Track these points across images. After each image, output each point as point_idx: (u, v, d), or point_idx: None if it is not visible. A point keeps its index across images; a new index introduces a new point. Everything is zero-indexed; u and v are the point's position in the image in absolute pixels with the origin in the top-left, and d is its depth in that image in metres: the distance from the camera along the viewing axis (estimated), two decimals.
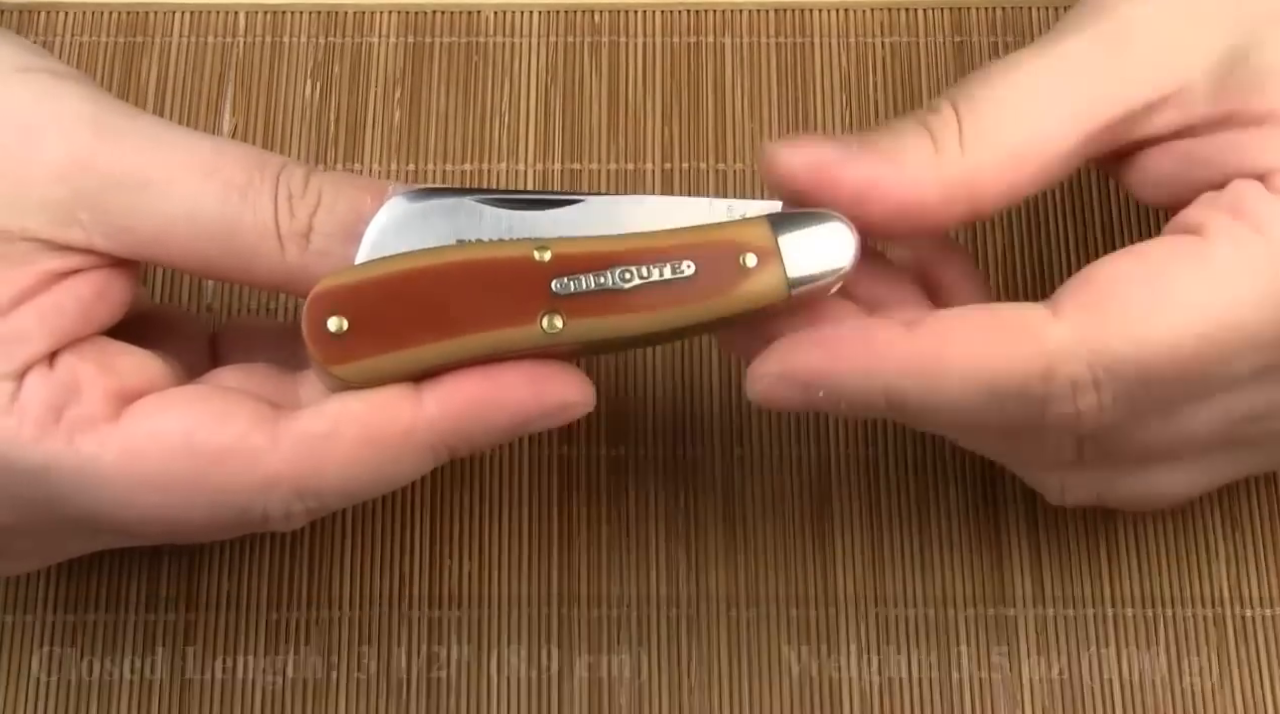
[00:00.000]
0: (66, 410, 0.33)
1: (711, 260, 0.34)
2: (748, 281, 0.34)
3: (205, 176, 0.34)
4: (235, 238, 0.34)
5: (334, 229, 0.35)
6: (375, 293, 0.34)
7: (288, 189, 0.35)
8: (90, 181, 0.34)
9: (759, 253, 0.34)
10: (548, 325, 0.34)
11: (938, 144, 0.35)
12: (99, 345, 0.35)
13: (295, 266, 0.35)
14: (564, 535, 0.43)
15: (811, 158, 0.35)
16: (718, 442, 0.44)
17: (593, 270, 0.34)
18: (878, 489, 0.44)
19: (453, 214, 0.35)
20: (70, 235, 0.34)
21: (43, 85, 0.35)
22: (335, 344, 0.34)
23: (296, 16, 0.49)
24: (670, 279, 0.34)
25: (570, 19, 0.49)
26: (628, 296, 0.34)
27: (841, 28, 0.49)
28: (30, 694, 0.42)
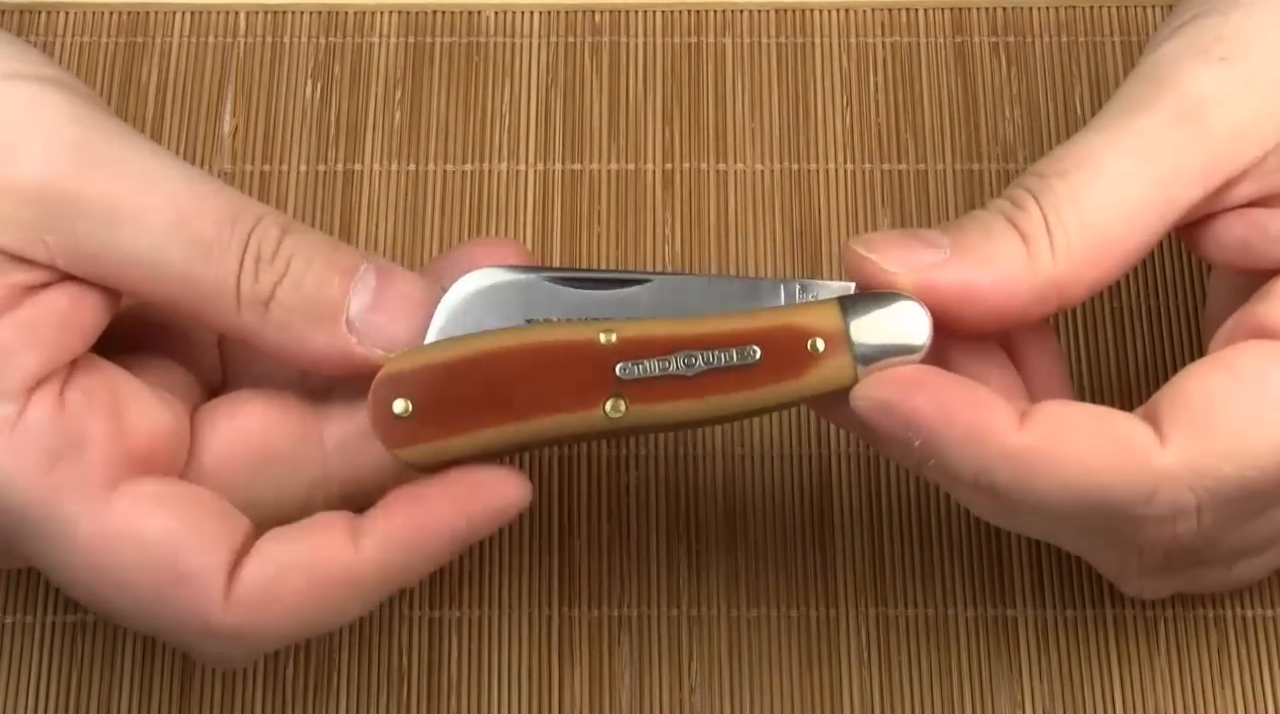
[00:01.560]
0: (64, 463, 0.33)
1: (778, 345, 0.34)
2: (815, 367, 0.34)
3: (176, 224, 0.33)
4: (192, 288, 0.34)
5: (296, 304, 0.34)
6: (440, 376, 0.34)
7: (257, 250, 0.34)
8: (59, 207, 0.33)
9: (827, 338, 0.34)
10: (611, 410, 0.34)
11: (1030, 248, 0.34)
12: (112, 387, 0.34)
13: (250, 329, 0.34)
14: (564, 535, 0.43)
15: (907, 263, 0.34)
16: (718, 442, 0.44)
17: (658, 355, 0.34)
18: (878, 489, 0.44)
19: (522, 293, 0.35)
20: (34, 252, 0.33)
21: (28, 97, 0.34)
22: (400, 427, 0.34)
23: (297, 17, 0.49)
24: (736, 365, 0.34)
25: (571, 19, 0.49)
26: (692, 382, 0.34)
27: (842, 28, 0.49)
28: (30, 694, 0.42)
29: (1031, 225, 0.34)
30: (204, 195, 0.34)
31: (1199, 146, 0.35)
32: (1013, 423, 0.33)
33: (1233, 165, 0.35)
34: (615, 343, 0.34)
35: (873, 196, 0.47)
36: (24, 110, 0.34)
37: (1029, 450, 0.33)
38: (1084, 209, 0.34)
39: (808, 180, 0.47)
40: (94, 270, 0.34)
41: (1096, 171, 0.35)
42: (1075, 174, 0.35)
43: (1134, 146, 0.35)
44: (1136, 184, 0.35)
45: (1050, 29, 0.49)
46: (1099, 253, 0.35)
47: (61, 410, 0.33)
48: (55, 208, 0.33)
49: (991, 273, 0.34)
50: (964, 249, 0.34)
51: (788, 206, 0.47)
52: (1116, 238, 0.35)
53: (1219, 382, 0.34)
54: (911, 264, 0.34)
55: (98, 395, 0.34)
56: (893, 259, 0.34)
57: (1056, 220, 0.34)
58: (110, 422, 0.33)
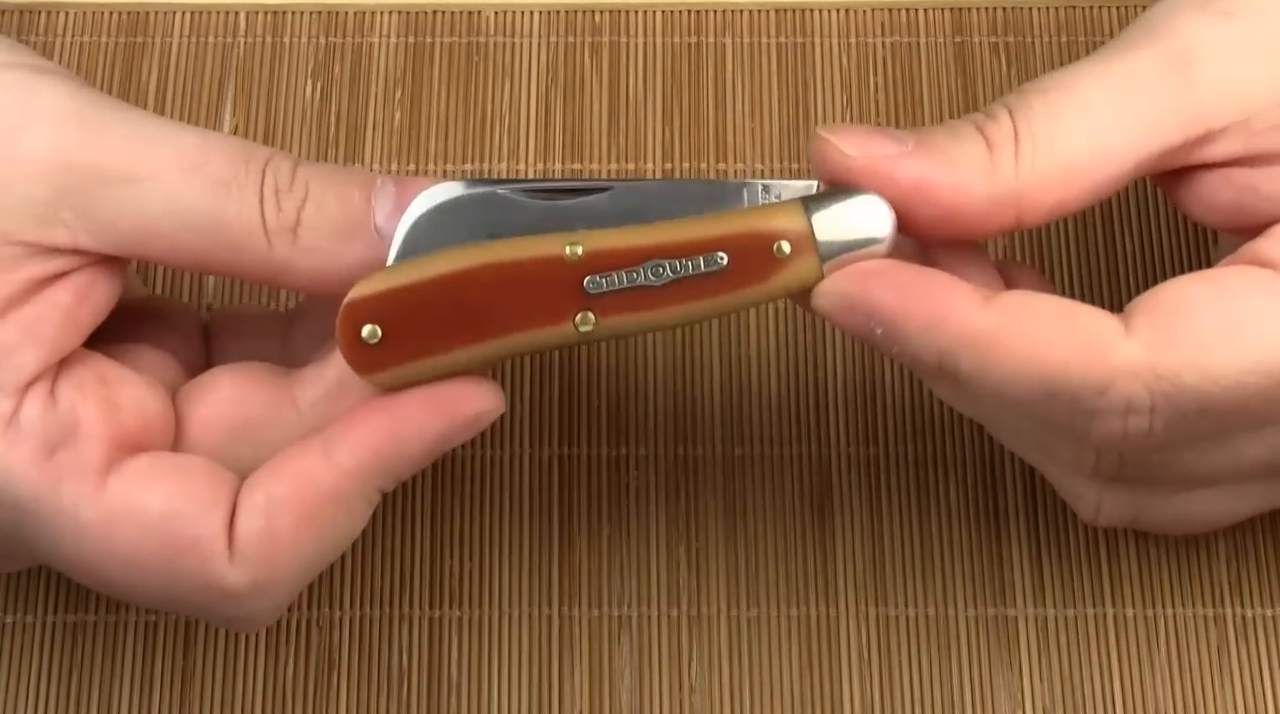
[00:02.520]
0: (61, 451, 0.33)
1: (744, 250, 0.34)
2: (782, 269, 0.34)
3: (190, 171, 0.34)
4: (221, 233, 0.34)
5: (322, 224, 0.34)
6: (408, 299, 0.34)
7: (274, 183, 0.34)
8: (73, 179, 0.33)
9: (792, 239, 0.34)
10: (580, 323, 0.34)
11: (993, 154, 0.34)
12: (101, 374, 0.34)
13: (282, 262, 0.34)
14: (564, 535, 0.43)
15: (868, 149, 0.34)
16: (718, 441, 0.44)
17: (625, 266, 0.34)
18: (878, 489, 0.44)
19: (484, 207, 0.35)
20: (55, 235, 0.33)
21: (24, 81, 0.34)
22: (370, 353, 0.34)
23: (297, 17, 0.49)
24: (703, 272, 0.34)
25: (571, 19, 0.49)
26: (660, 292, 0.34)
27: (842, 28, 0.49)
28: (30, 694, 0.42)
29: (999, 134, 0.34)
30: (211, 143, 0.34)
31: (1183, 93, 0.35)
32: (974, 305, 0.33)
33: (1215, 118, 0.35)
34: (581, 256, 0.34)
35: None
36: (24, 93, 0.34)
37: (989, 333, 0.33)
38: (1056, 128, 0.34)
39: None
40: (117, 238, 0.34)
41: (1076, 96, 0.35)
42: (1054, 94, 0.35)
43: (1118, 81, 0.35)
44: (1113, 115, 0.35)
45: (1050, 29, 0.49)
46: (1064, 175, 0.34)
47: (54, 403, 0.33)
48: (69, 181, 0.33)
49: (950, 172, 0.34)
50: (926, 147, 0.34)
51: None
52: (1085, 164, 0.35)
53: (1199, 290, 0.34)
54: (870, 152, 0.34)
55: (88, 384, 0.34)
56: (853, 144, 0.34)
57: (1027, 132, 0.34)
58: (102, 408, 0.34)
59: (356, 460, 0.34)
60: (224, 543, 0.33)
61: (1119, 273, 0.46)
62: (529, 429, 0.44)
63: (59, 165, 0.33)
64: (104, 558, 0.33)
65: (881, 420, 0.44)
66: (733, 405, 0.45)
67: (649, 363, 0.45)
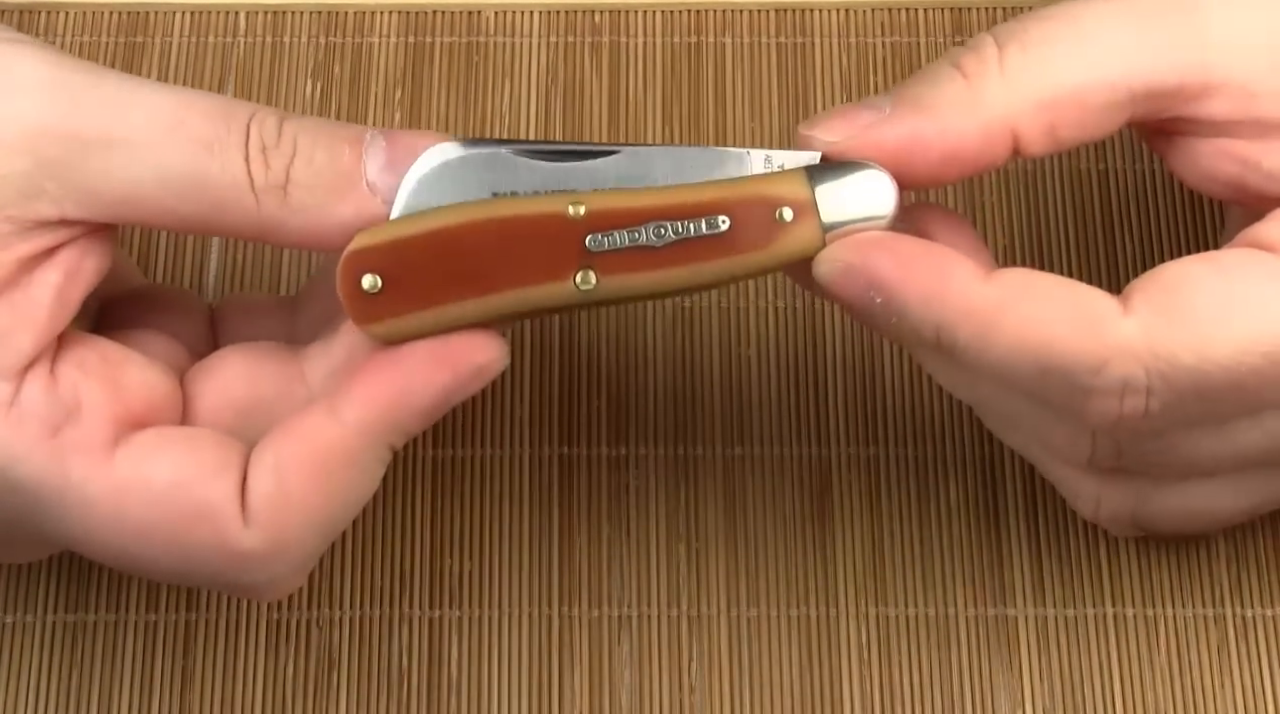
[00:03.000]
0: (64, 429, 0.33)
1: (746, 214, 0.34)
2: (783, 236, 0.34)
3: (169, 132, 0.33)
4: (206, 193, 0.33)
5: (312, 180, 0.34)
6: (409, 251, 0.34)
7: (260, 139, 0.34)
8: (53, 148, 0.33)
9: (795, 206, 0.34)
10: (581, 282, 0.34)
11: (971, 83, 0.34)
12: (103, 354, 0.34)
13: (272, 220, 0.34)
14: (564, 535, 0.43)
15: (848, 128, 0.34)
16: (718, 441, 0.44)
17: (627, 226, 0.34)
18: (878, 489, 0.44)
19: (488, 166, 0.35)
20: (40, 208, 0.33)
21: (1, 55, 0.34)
22: (370, 302, 0.34)
23: (297, 17, 0.49)
24: (705, 234, 0.34)
25: (571, 19, 0.49)
26: (662, 253, 0.34)
27: (842, 28, 0.49)
28: (30, 694, 0.42)
29: (977, 63, 0.34)
30: (191, 101, 0.34)
31: (1187, 33, 0.35)
32: (975, 278, 0.33)
33: (1216, 70, 0.34)
34: (584, 215, 0.34)
35: None
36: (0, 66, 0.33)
37: (988, 307, 0.33)
38: (1047, 45, 0.34)
39: None
40: (102, 205, 0.33)
41: (1074, 22, 0.34)
42: (1053, 21, 0.35)
43: (1121, 11, 0.35)
44: (1111, 42, 0.34)
45: None
46: (1055, 95, 0.34)
47: (56, 383, 0.33)
48: (50, 151, 0.33)
49: (934, 120, 0.34)
50: (904, 101, 0.34)
51: None
52: (1076, 86, 0.34)
53: (1197, 270, 0.34)
54: (850, 129, 0.34)
55: (91, 364, 0.34)
56: (832, 129, 0.34)
57: (1015, 51, 0.34)
58: (105, 386, 0.34)
59: (363, 415, 0.34)
60: (237, 506, 0.33)
61: (1119, 272, 0.46)
62: (529, 429, 0.44)
63: (37, 135, 0.33)
64: (115, 531, 0.33)
65: (881, 420, 0.44)
66: (733, 405, 0.45)
67: (649, 363, 0.45)
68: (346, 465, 0.34)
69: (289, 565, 0.34)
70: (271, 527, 0.33)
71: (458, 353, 0.34)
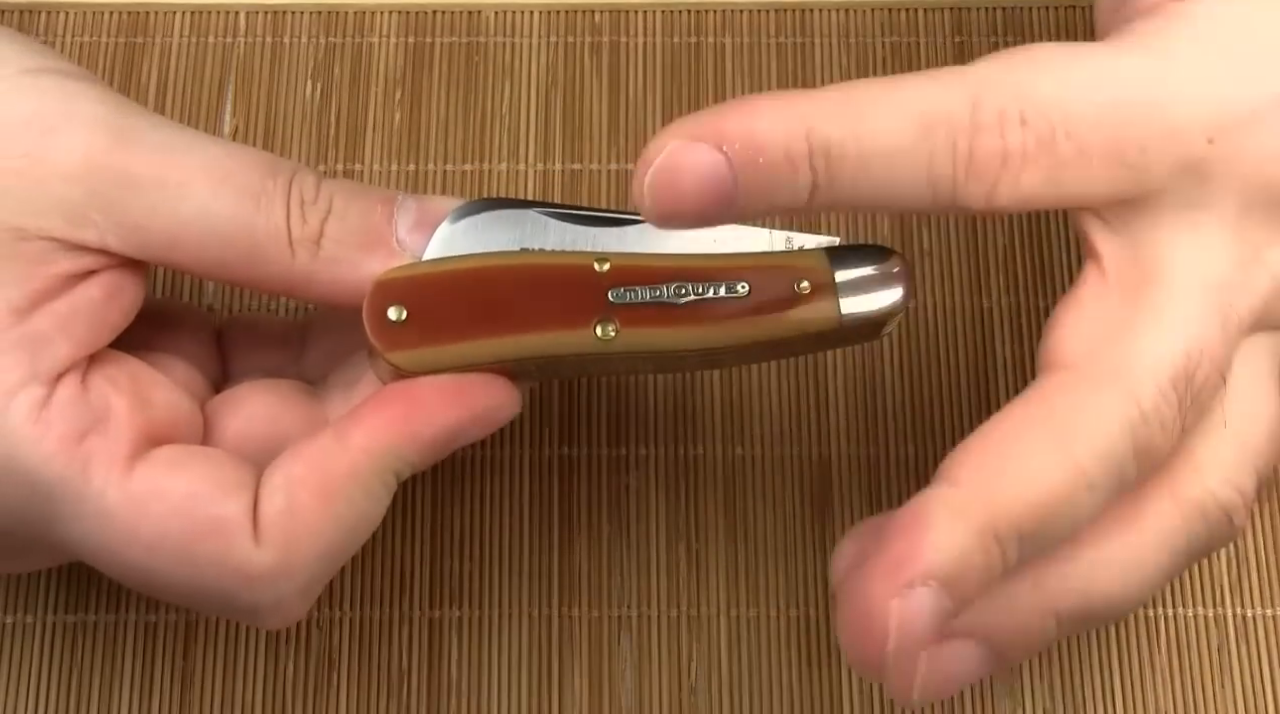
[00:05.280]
0: (90, 437, 0.33)
1: (766, 283, 0.35)
2: (801, 306, 0.35)
3: (220, 180, 0.34)
4: (247, 241, 0.35)
5: (344, 236, 0.35)
6: (437, 286, 0.35)
7: (300, 195, 0.35)
8: (105, 182, 0.34)
9: (813, 280, 0.35)
10: (601, 332, 0.35)
11: None
12: (133, 373, 0.35)
13: (304, 272, 0.35)
14: (564, 535, 0.43)
15: None
16: (718, 441, 0.44)
17: (649, 283, 0.35)
18: (878, 489, 0.44)
19: (518, 224, 0.36)
20: (84, 235, 0.34)
21: (55, 86, 0.35)
22: (393, 332, 0.35)
23: (297, 17, 0.49)
24: (724, 297, 0.35)
25: (571, 19, 0.49)
26: (681, 311, 0.35)
27: (842, 28, 0.49)
28: (30, 694, 0.42)
29: None
30: (239, 154, 0.35)
31: None
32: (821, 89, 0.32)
33: None
34: (608, 270, 0.35)
35: None
36: (58, 98, 0.34)
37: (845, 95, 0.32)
38: None
39: None
40: (143, 242, 0.34)
41: None
42: None
43: None
44: None
45: (1050, 29, 0.49)
46: None
47: (86, 392, 0.34)
48: (101, 184, 0.34)
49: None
50: None
51: None
52: None
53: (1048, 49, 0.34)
54: None
55: (121, 380, 0.35)
56: None
57: None
58: (133, 401, 0.34)
59: (371, 441, 0.34)
60: (248, 524, 0.33)
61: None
62: (529, 429, 0.44)
63: (91, 169, 0.34)
64: (129, 542, 0.33)
65: (881, 420, 0.44)
66: (733, 405, 0.45)
67: None
68: (353, 486, 0.34)
69: (295, 588, 0.34)
70: (281, 545, 0.34)
71: (471, 392, 0.35)
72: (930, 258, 0.46)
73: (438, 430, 0.35)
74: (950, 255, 0.46)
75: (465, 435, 0.35)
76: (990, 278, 0.46)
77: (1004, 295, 0.46)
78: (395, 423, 0.34)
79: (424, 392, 0.35)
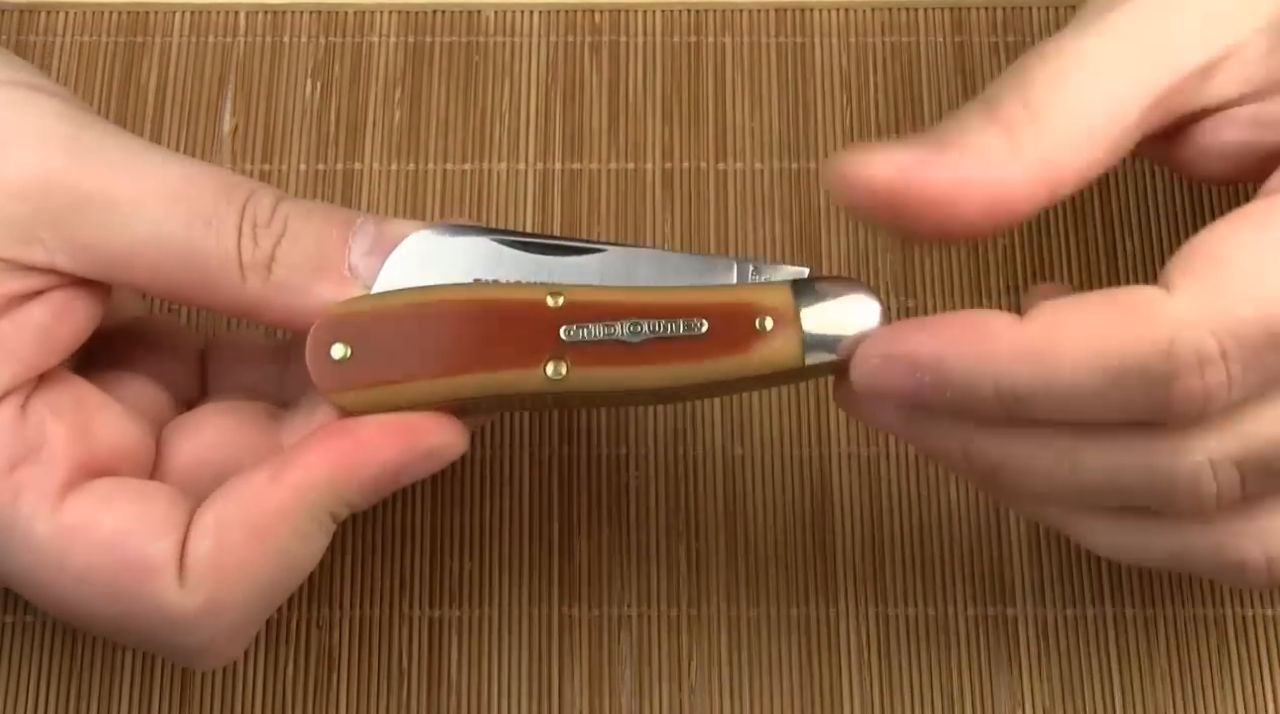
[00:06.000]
0: (23, 466, 0.33)
1: (726, 320, 0.34)
2: (761, 345, 0.34)
3: (172, 201, 0.34)
4: (197, 264, 0.34)
5: (297, 261, 0.34)
6: (381, 323, 0.34)
7: (254, 217, 0.34)
8: (55, 200, 0.33)
9: (776, 317, 0.34)
10: (552, 372, 0.33)
11: (1012, 132, 0.33)
12: (79, 399, 0.34)
13: (255, 297, 0.34)
14: (564, 534, 0.43)
15: (892, 168, 0.33)
16: (718, 441, 0.44)
17: (603, 319, 0.34)
18: (878, 489, 0.44)
19: (472, 252, 0.35)
20: (31, 254, 0.33)
21: (17, 98, 0.34)
22: (336, 371, 0.34)
23: (297, 16, 0.49)
24: (681, 336, 0.34)
25: (570, 18, 0.49)
26: (636, 349, 0.34)
27: (842, 27, 0.49)
28: (30, 694, 0.42)
29: (1010, 114, 0.33)
30: (195, 175, 0.34)
31: (1169, 30, 0.34)
32: (1012, 322, 0.32)
33: (1206, 48, 0.34)
34: (561, 305, 0.34)
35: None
36: (14, 111, 0.34)
37: (1037, 340, 0.32)
38: (1062, 93, 0.34)
39: (807, 179, 0.47)
40: (93, 262, 0.34)
41: (1070, 62, 0.34)
42: (1048, 65, 0.34)
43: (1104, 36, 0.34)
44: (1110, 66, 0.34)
45: (1050, 28, 0.49)
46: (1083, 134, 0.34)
47: (23, 418, 0.33)
48: (51, 202, 0.33)
49: (981, 163, 0.33)
50: (949, 146, 0.33)
51: (787, 206, 0.47)
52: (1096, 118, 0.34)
53: (1227, 229, 0.33)
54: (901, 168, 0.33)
55: (63, 406, 0.34)
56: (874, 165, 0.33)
57: (1040, 103, 0.33)
58: (72, 430, 0.34)
59: (305, 480, 0.33)
60: (174, 566, 0.33)
61: (1119, 273, 0.46)
62: (529, 428, 0.44)
63: (42, 186, 0.33)
64: (55, 575, 0.33)
65: None
66: (733, 404, 0.45)
67: None
68: (283, 530, 0.33)
69: (224, 629, 0.34)
70: (207, 587, 0.33)
71: (412, 431, 0.34)
72: (930, 259, 0.46)
73: (378, 471, 0.34)
74: (950, 256, 0.46)
75: (407, 475, 0.34)
76: (990, 278, 0.46)
77: (1004, 295, 0.46)
78: (332, 462, 0.33)
79: (365, 430, 0.34)
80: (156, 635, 0.34)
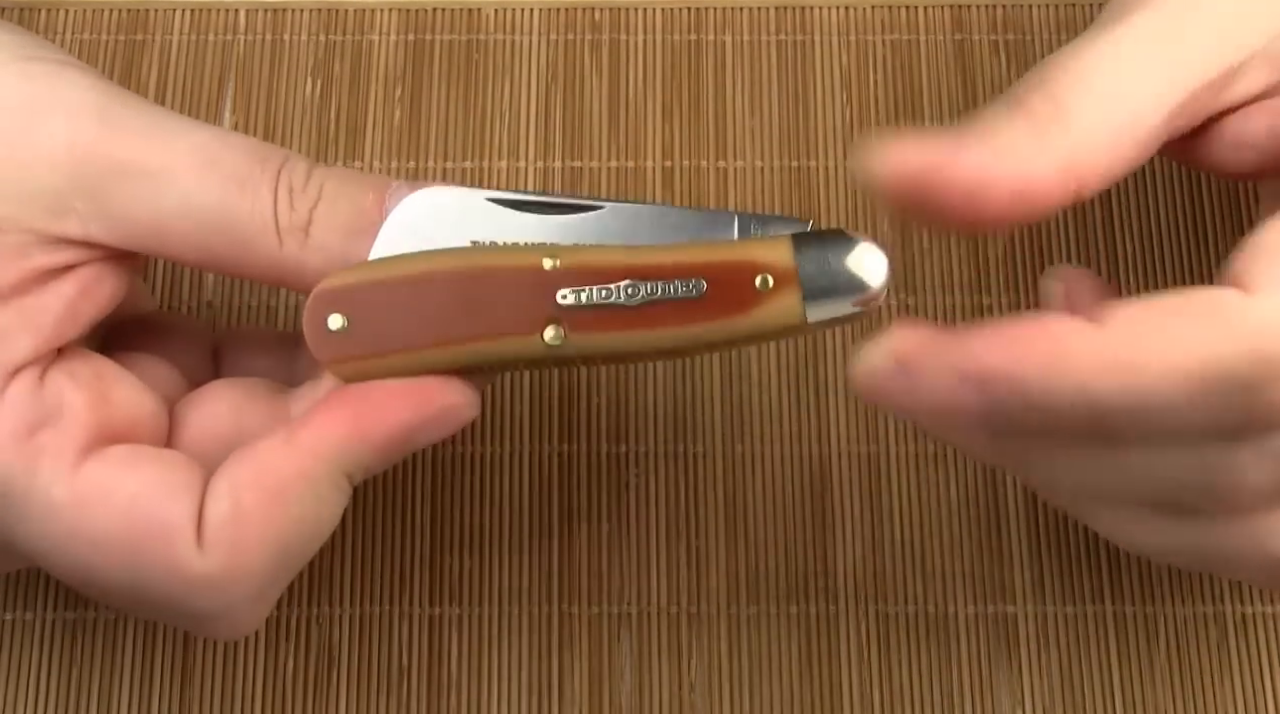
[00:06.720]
0: (42, 431, 0.33)
1: (725, 280, 0.33)
2: (761, 305, 0.33)
3: (207, 167, 0.34)
4: (234, 230, 0.34)
5: (334, 224, 0.34)
6: (379, 294, 0.34)
7: (289, 183, 0.34)
8: (89, 170, 0.33)
9: (776, 275, 0.33)
10: (550, 337, 0.33)
11: (1038, 128, 0.33)
12: (97, 369, 0.35)
13: (292, 261, 0.34)
14: (564, 533, 0.43)
15: (922, 157, 0.33)
16: (718, 439, 0.44)
17: (600, 283, 0.33)
18: (878, 487, 0.44)
19: (469, 214, 0.35)
20: (66, 226, 0.34)
21: (48, 73, 0.34)
22: (334, 342, 0.34)
23: (297, 14, 0.49)
24: (679, 297, 0.33)
25: (571, 17, 0.49)
26: (634, 313, 0.33)
27: (842, 25, 0.49)
28: (30, 694, 0.42)
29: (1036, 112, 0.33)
30: (228, 141, 0.35)
31: (1195, 31, 0.34)
32: (1085, 329, 0.31)
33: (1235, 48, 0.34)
34: (559, 269, 0.33)
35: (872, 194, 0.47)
36: (46, 85, 0.34)
37: (1119, 350, 0.30)
38: (1088, 92, 0.34)
39: (808, 177, 0.47)
40: (128, 231, 0.34)
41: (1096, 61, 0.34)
42: (1072, 64, 0.34)
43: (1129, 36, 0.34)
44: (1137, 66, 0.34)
45: (1050, 27, 0.49)
46: (1109, 133, 0.33)
47: (42, 386, 0.33)
48: (85, 171, 0.33)
49: (1010, 156, 0.33)
50: (974, 139, 0.33)
51: (788, 204, 0.47)
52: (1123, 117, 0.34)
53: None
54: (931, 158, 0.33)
55: (82, 376, 0.34)
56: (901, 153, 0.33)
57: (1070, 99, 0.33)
58: (90, 398, 0.34)
59: (320, 442, 0.33)
60: (192, 528, 0.33)
61: (1119, 273, 0.46)
62: (529, 426, 0.44)
63: (75, 156, 0.33)
64: (71, 539, 0.33)
65: (881, 419, 0.44)
66: (733, 403, 0.45)
67: None
68: (300, 491, 0.33)
69: (243, 595, 0.34)
70: (225, 550, 0.33)
71: (426, 394, 0.34)
72: (930, 258, 0.46)
73: (390, 432, 0.34)
74: (950, 255, 0.46)
75: (421, 437, 0.34)
76: (990, 278, 0.46)
77: (1004, 295, 0.46)
78: (345, 424, 0.33)
79: (377, 393, 0.34)
80: (172, 600, 0.34)
